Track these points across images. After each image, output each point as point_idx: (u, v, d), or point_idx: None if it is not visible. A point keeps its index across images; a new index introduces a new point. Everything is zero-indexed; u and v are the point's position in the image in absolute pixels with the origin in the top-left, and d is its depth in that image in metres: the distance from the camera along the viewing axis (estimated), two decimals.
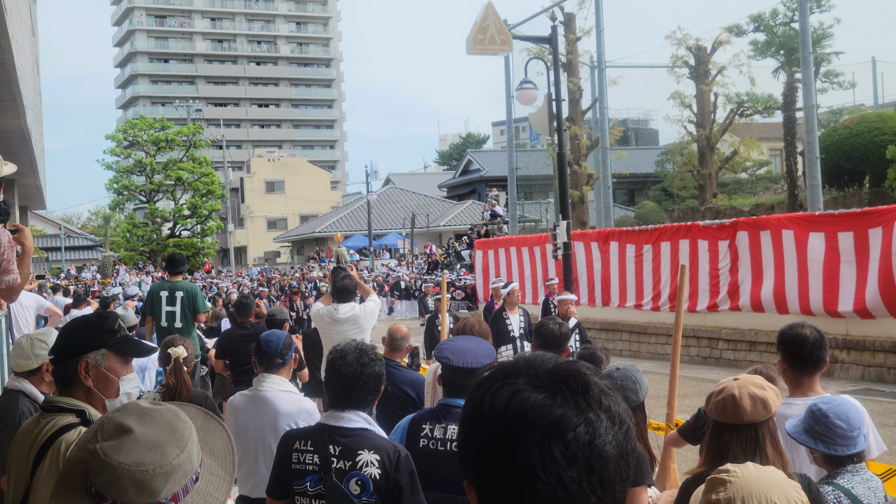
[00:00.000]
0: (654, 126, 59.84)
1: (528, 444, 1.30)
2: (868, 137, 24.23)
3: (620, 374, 4.32)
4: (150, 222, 56.18)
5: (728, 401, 3.36)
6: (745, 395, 3.34)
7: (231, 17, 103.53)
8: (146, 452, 1.99)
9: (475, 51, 17.93)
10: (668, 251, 18.83)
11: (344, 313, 8.36)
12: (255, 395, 5.01)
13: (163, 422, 2.06)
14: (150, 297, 11.34)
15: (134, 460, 1.98)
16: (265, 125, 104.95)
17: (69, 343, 3.14)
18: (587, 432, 1.31)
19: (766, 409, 3.33)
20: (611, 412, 1.35)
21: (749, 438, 3.34)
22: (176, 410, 2.13)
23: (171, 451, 2.01)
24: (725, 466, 2.37)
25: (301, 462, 3.77)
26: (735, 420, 3.34)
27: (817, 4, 25.71)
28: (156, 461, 1.98)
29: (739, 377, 3.48)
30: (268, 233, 78.46)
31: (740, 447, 3.32)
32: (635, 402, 4.28)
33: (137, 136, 55.64)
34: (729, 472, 2.32)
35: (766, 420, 3.36)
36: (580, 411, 1.32)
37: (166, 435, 2.03)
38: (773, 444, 3.37)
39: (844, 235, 15.02)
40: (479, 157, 60.41)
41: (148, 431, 2.02)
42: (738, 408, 3.32)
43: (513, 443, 1.31)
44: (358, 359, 3.85)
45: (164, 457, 2.00)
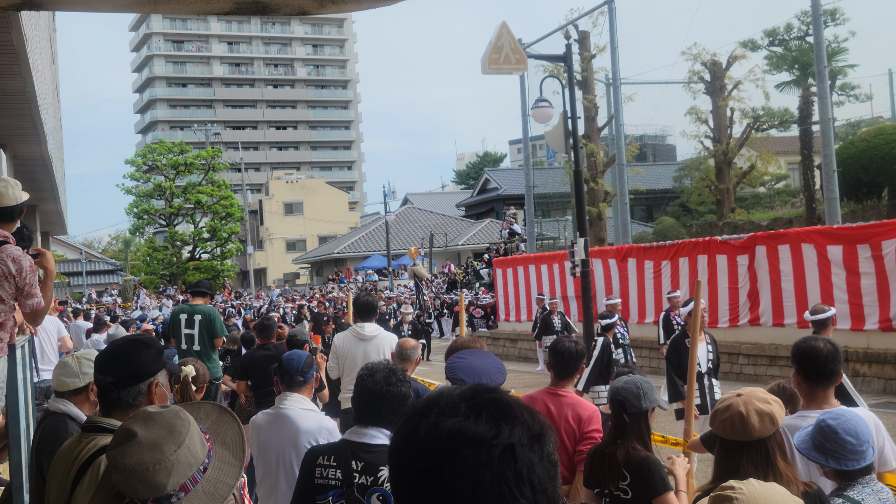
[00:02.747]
0: (671, 142, 59.68)
1: (448, 459, 1.37)
2: (886, 149, 24.13)
3: (626, 379, 4.35)
4: (170, 246, 56.46)
5: (735, 418, 3.36)
6: (753, 411, 3.35)
7: (248, 41, 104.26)
8: (146, 452, 2.31)
9: (490, 70, 18.02)
10: (686, 267, 18.81)
11: (370, 332, 8.45)
12: (276, 414, 5.08)
13: (163, 423, 2.37)
14: (171, 321, 11.47)
15: (136, 461, 2.30)
16: (283, 147, 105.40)
17: (139, 366, 3.18)
18: (501, 440, 1.38)
19: (773, 423, 3.35)
20: (522, 420, 1.43)
21: (759, 455, 3.34)
22: (177, 411, 2.44)
23: (168, 448, 2.32)
24: (730, 483, 2.40)
25: (324, 477, 3.83)
26: (744, 437, 3.34)
27: (832, 18, 25.68)
28: (155, 459, 2.30)
29: (742, 392, 3.48)
30: (287, 254, 78.63)
31: (751, 464, 3.32)
32: (636, 407, 4.28)
33: (156, 161, 55.99)
34: (734, 488, 2.35)
35: (773, 434, 3.38)
36: (492, 424, 1.40)
37: (165, 434, 2.34)
38: (783, 457, 3.39)
39: (863, 248, 14.99)
40: (496, 175, 60.44)
41: (149, 433, 2.34)
42: (747, 425, 3.33)
43: (435, 463, 1.38)
44: (386, 378, 3.91)
45: (163, 454, 2.30)
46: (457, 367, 4.20)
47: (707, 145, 30.87)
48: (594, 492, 4.43)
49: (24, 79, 7.85)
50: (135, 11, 4.46)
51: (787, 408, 5.18)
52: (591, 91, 28.93)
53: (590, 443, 4.93)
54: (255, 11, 4.70)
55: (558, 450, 4.77)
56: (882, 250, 14.61)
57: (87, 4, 4.90)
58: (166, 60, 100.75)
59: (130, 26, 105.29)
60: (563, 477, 5.12)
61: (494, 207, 57.89)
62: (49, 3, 5.00)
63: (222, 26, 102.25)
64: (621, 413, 4.26)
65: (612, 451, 4.26)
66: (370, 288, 46.68)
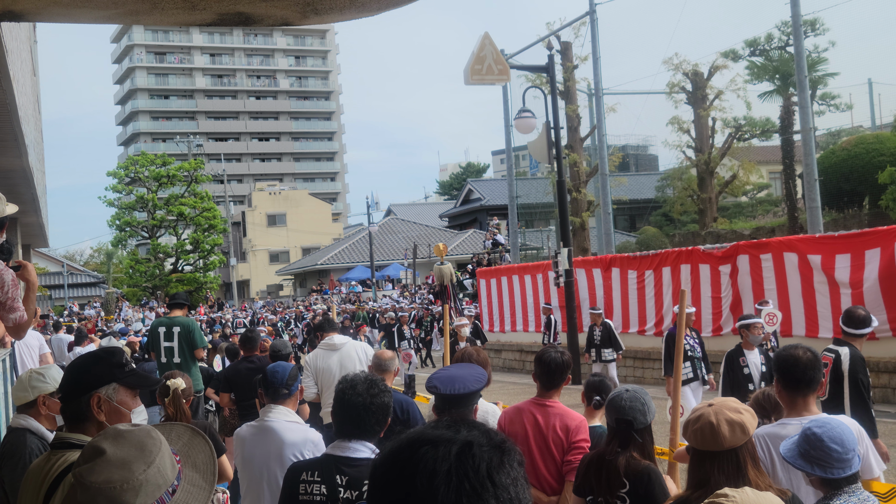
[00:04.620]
0: (653, 151, 59.97)
1: (409, 459, 1.42)
2: (866, 159, 24.30)
3: (629, 395, 4.34)
4: (153, 258, 56.21)
5: (706, 429, 3.37)
6: (723, 421, 3.35)
7: (230, 53, 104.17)
8: (115, 470, 2.22)
9: (473, 81, 18.07)
10: (669, 276, 18.84)
11: (340, 341, 8.44)
12: (261, 426, 5.05)
13: (134, 441, 2.29)
14: (150, 334, 11.42)
15: (104, 479, 2.21)
16: (266, 159, 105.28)
17: (80, 379, 3.17)
18: (459, 438, 1.44)
19: (744, 432, 3.36)
20: (483, 429, 1.48)
21: (730, 464, 3.35)
22: (149, 430, 2.37)
23: (138, 467, 2.24)
24: (724, 491, 2.39)
25: (308, 493, 3.79)
26: (714, 447, 3.35)
27: (812, 28, 25.87)
28: (124, 478, 2.21)
29: (714, 402, 3.49)
30: (270, 266, 78.44)
31: (722, 474, 3.33)
32: (643, 423, 4.30)
33: (139, 173, 55.78)
34: (728, 496, 2.34)
35: (745, 444, 3.39)
36: (452, 429, 1.47)
37: (135, 453, 2.26)
38: (755, 465, 3.40)
39: (842, 257, 15.06)
40: (479, 186, 60.53)
41: (119, 451, 2.26)
42: (718, 435, 3.34)
43: (397, 464, 1.44)
44: (368, 389, 3.88)
45: (132, 473, 2.22)
46: (434, 376, 4.21)
47: (689, 155, 31.04)
48: (586, 500, 4.41)
49: (4, 90, 7.80)
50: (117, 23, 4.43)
51: (772, 416, 5.20)
52: (573, 101, 29.03)
53: (578, 452, 4.93)
54: (238, 22, 4.68)
55: (547, 460, 4.77)
56: (862, 259, 14.68)
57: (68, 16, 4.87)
58: (148, 72, 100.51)
59: (112, 38, 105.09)
60: (552, 488, 5.11)
61: (478, 218, 57.95)
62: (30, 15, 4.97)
63: (204, 38, 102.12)
64: (629, 430, 4.25)
65: (611, 459, 4.24)
66: (353, 299, 46.60)
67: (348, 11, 4.97)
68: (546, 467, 5.11)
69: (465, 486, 1.37)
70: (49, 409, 4.45)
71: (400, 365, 22.77)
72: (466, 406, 4.03)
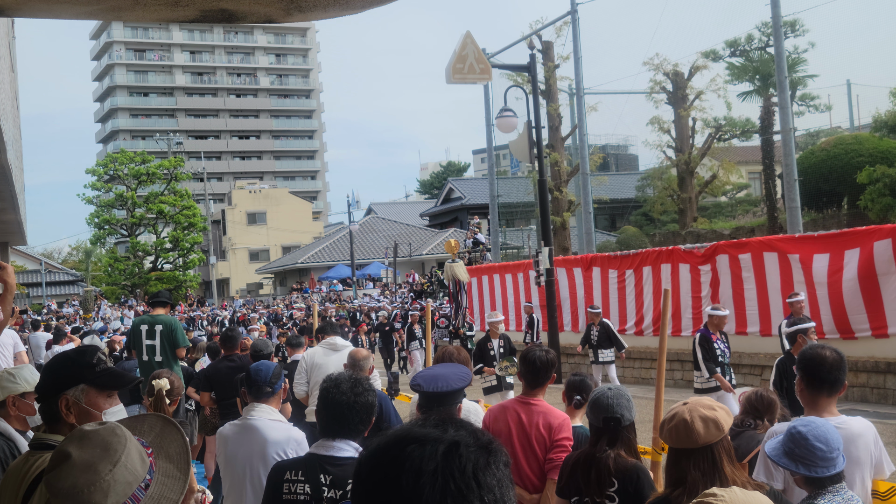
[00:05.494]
0: (633, 151, 60.11)
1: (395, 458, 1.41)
2: (845, 159, 24.45)
3: (614, 393, 4.36)
4: (132, 256, 55.95)
5: (680, 426, 3.41)
6: (697, 417, 3.39)
7: (210, 50, 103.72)
8: (80, 474, 2.17)
9: (455, 80, 18.05)
10: (650, 276, 18.90)
11: (342, 343, 8.43)
12: (244, 425, 5.01)
13: (98, 441, 2.24)
14: (131, 331, 11.35)
15: (70, 484, 2.17)
16: (246, 157, 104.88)
17: (49, 380, 3.15)
18: (446, 437, 1.43)
19: (718, 429, 3.39)
20: (470, 429, 1.48)
21: (706, 461, 3.38)
22: (114, 427, 2.31)
23: (103, 468, 2.19)
24: (712, 490, 2.39)
25: (292, 492, 3.78)
26: (689, 444, 3.38)
27: (791, 29, 26.00)
28: (90, 480, 2.17)
29: (689, 401, 3.53)
30: (250, 264, 78.21)
31: (698, 471, 3.36)
32: (629, 420, 4.33)
33: (118, 170, 55.51)
34: (716, 495, 2.34)
35: (720, 440, 3.40)
36: (439, 428, 1.46)
37: (100, 454, 2.21)
38: (731, 462, 3.42)
39: (821, 257, 15.16)
40: (460, 185, 60.54)
41: (83, 454, 2.21)
42: (692, 431, 3.37)
43: (384, 463, 1.43)
44: (352, 388, 3.87)
45: (98, 475, 2.17)
46: (418, 375, 4.21)
47: (669, 155, 31.13)
48: (571, 501, 4.41)
49: None
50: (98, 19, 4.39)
51: (765, 416, 5.21)
52: (555, 101, 29.07)
53: (560, 451, 4.93)
54: (221, 19, 4.65)
55: (529, 458, 4.78)
56: (841, 259, 14.78)
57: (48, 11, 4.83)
58: (128, 69, 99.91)
59: (91, 35, 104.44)
60: (535, 486, 5.11)
61: (458, 217, 57.97)
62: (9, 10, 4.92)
63: (185, 35, 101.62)
64: (618, 428, 4.27)
65: (600, 458, 4.25)
66: (335, 298, 46.52)
67: (332, 9, 4.94)
68: (529, 465, 5.11)
69: (450, 486, 1.36)
70: (19, 409, 4.38)
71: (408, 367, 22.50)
72: (450, 404, 4.03)
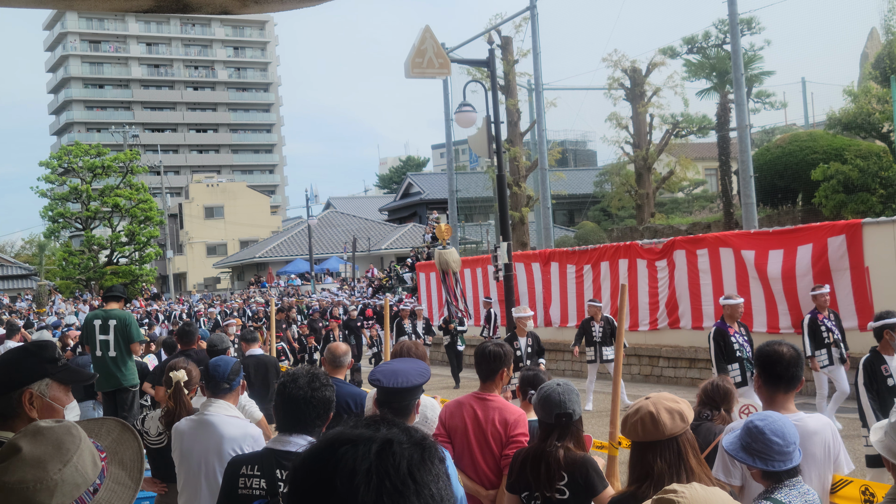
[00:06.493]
0: (591, 147, 60.39)
1: (329, 460, 1.40)
2: (800, 156, 24.74)
3: (563, 388, 4.38)
4: (87, 250, 55.20)
5: (647, 418, 3.44)
6: (663, 409, 3.43)
7: (167, 42, 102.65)
8: (29, 470, 2.11)
9: (414, 74, 18.00)
10: (607, 271, 19.01)
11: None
12: (200, 420, 4.96)
13: (52, 439, 2.17)
14: (84, 327, 11.20)
15: (17, 478, 2.10)
16: (203, 150, 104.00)
17: (9, 375, 3.07)
18: (379, 436, 1.42)
19: (683, 420, 3.44)
20: (403, 427, 1.47)
21: (672, 452, 3.42)
22: (69, 427, 2.24)
23: (53, 466, 2.12)
24: (672, 486, 2.40)
25: (248, 487, 3.75)
26: (656, 436, 3.41)
27: (748, 27, 26.24)
28: (37, 477, 2.10)
29: (650, 396, 3.57)
30: (207, 259, 77.63)
31: (665, 462, 3.40)
32: (579, 414, 4.36)
33: (72, 163, 54.73)
34: (676, 492, 2.34)
35: (685, 433, 3.43)
36: (370, 428, 1.45)
37: (51, 451, 2.14)
38: (696, 455, 3.46)
39: (776, 253, 15.33)
40: (419, 179, 60.48)
41: (35, 449, 2.14)
42: (658, 423, 3.41)
43: (317, 466, 1.42)
44: (309, 383, 3.85)
45: (46, 472, 2.11)
46: (377, 370, 4.18)
47: (627, 151, 31.34)
48: (521, 496, 4.42)
49: None
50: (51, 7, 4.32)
51: (721, 405, 5.27)
52: (514, 96, 29.10)
53: (516, 446, 4.94)
54: (176, 9, 4.58)
55: (486, 454, 4.78)
56: (797, 255, 14.96)
57: None
58: (82, 61, 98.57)
59: (45, 25, 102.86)
60: (491, 481, 5.12)
61: (417, 212, 57.93)
62: None
63: (140, 27, 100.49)
64: (569, 423, 4.29)
65: (549, 452, 4.27)
66: (292, 293, 46.27)
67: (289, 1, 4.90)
68: (485, 461, 5.12)
69: (385, 484, 1.35)
70: None
71: None
72: (409, 400, 4.01)
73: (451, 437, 5.22)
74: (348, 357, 6.77)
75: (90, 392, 11.26)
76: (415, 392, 4.05)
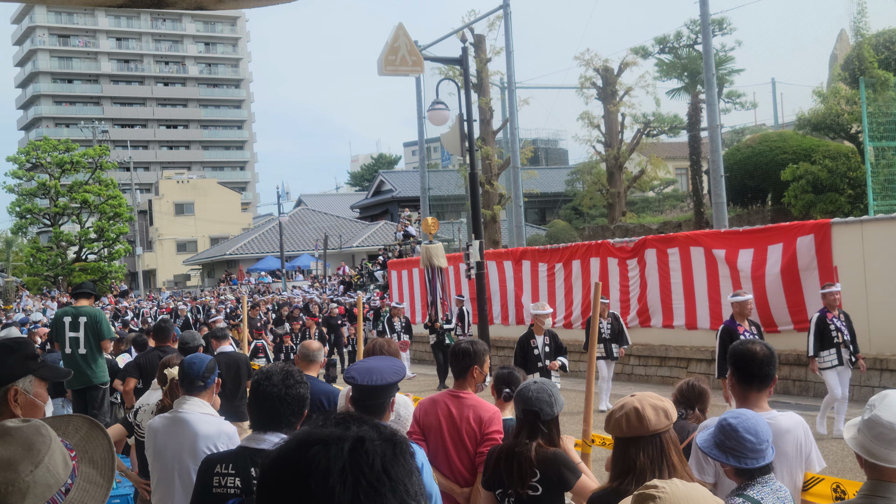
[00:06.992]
0: (563, 146, 60.55)
1: (300, 462, 1.38)
2: (770, 156, 24.94)
3: (537, 387, 4.39)
4: (55, 246, 54.71)
5: (632, 414, 3.47)
6: (648, 405, 3.48)
7: (137, 38, 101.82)
8: (0, 472, 2.05)
9: (386, 72, 17.96)
10: (579, 270, 19.08)
11: None
12: (174, 418, 4.92)
13: (21, 439, 2.11)
14: (53, 324, 11.11)
15: None
16: (174, 146, 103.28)
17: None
18: (350, 434, 1.40)
19: (667, 417, 3.49)
20: (372, 423, 1.45)
21: (655, 448, 3.46)
22: (39, 426, 2.18)
23: (24, 468, 2.06)
24: (653, 482, 2.41)
25: (223, 486, 3.73)
26: (641, 432, 3.45)
27: (719, 27, 26.39)
28: (8, 479, 2.04)
29: (636, 394, 3.61)
30: (177, 255, 77.15)
31: (647, 458, 3.44)
32: (550, 415, 4.34)
33: (41, 158, 54.19)
34: (657, 487, 2.35)
35: (668, 430, 3.48)
36: (340, 426, 1.43)
37: (22, 453, 2.09)
38: (678, 452, 3.50)
39: (746, 252, 15.45)
40: (391, 177, 60.37)
41: (5, 451, 2.08)
42: (643, 418, 3.44)
43: (288, 466, 1.39)
44: (284, 380, 3.83)
45: (17, 474, 2.05)
46: (352, 367, 4.18)
47: (599, 150, 31.44)
48: (495, 493, 4.43)
49: None
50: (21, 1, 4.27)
51: (696, 405, 5.30)
52: (486, 94, 29.15)
53: (490, 444, 4.94)
54: (150, 5, 4.54)
55: (460, 451, 4.78)
56: (767, 254, 15.08)
57: None
58: (51, 55, 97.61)
59: (13, 18, 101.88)
60: (466, 479, 5.12)
61: (389, 209, 57.82)
62: None
63: (110, 21, 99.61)
64: (536, 421, 4.30)
65: (520, 451, 4.28)
66: (263, 290, 46.06)
67: None
68: (459, 458, 5.11)
69: (361, 483, 1.34)
70: None
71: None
72: (384, 398, 4.00)
73: (426, 434, 5.22)
74: (321, 354, 6.77)
75: (60, 390, 11.17)
76: (389, 390, 4.04)
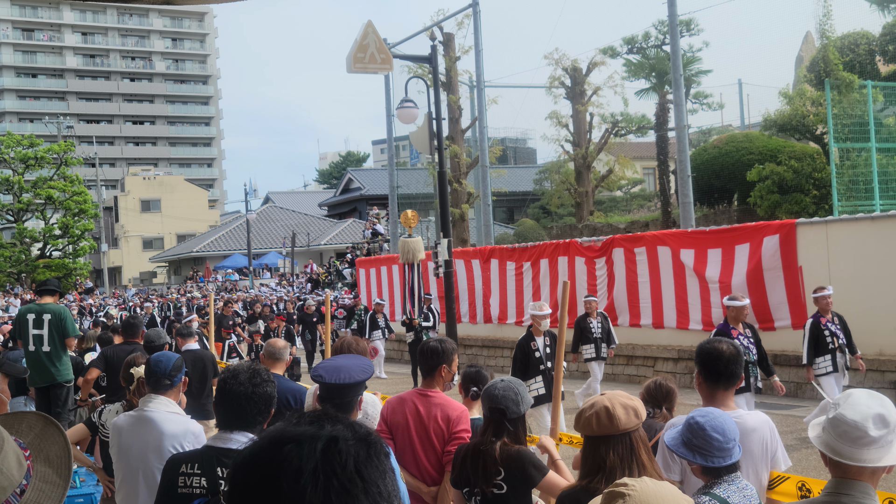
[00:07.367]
0: (532, 145, 60.80)
1: (272, 460, 1.36)
2: (736, 157, 25.16)
3: (503, 385, 4.39)
4: (19, 242, 54.06)
5: (602, 413, 3.49)
6: (618, 404, 3.50)
7: (104, 32, 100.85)
8: None
9: (355, 69, 17.90)
10: (547, 268, 19.12)
11: None
12: (139, 416, 4.86)
13: None
14: (17, 321, 10.97)
15: None
16: (140, 143, 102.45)
17: None
18: (323, 434, 1.38)
19: (637, 416, 3.52)
20: (347, 423, 1.43)
21: (625, 447, 3.48)
22: None
23: None
24: (623, 480, 2.41)
25: (188, 486, 3.69)
26: (611, 430, 3.47)
27: (687, 28, 26.57)
28: None
29: (605, 393, 3.64)
30: (143, 253, 76.59)
31: (617, 456, 3.45)
32: (516, 413, 4.33)
33: (4, 154, 53.51)
34: (627, 485, 2.35)
35: (637, 428, 3.50)
36: (314, 425, 1.40)
37: None
38: (647, 451, 3.52)
39: (713, 252, 15.55)
40: (359, 175, 60.26)
41: None
42: (613, 417, 3.46)
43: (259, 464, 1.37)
44: (250, 379, 3.80)
45: None
46: (320, 366, 4.15)
47: (567, 149, 31.56)
48: (463, 491, 4.44)
49: None
50: None
51: (663, 404, 5.32)
52: (455, 93, 29.15)
53: (458, 442, 4.94)
54: None
55: (428, 450, 4.77)
56: (734, 253, 15.19)
57: None
58: (15, 49, 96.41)
59: None
60: (433, 478, 5.11)
61: (357, 207, 57.72)
62: None
63: (76, 16, 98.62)
64: (502, 419, 4.30)
65: (485, 449, 4.28)
66: (230, 287, 45.80)
67: None
68: (427, 457, 5.11)
69: (333, 483, 1.32)
70: None
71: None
72: (352, 396, 3.98)
73: (393, 433, 5.21)
74: (287, 352, 6.76)
75: (22, 388, 11.03)
76: (357, 388, 4.03)
